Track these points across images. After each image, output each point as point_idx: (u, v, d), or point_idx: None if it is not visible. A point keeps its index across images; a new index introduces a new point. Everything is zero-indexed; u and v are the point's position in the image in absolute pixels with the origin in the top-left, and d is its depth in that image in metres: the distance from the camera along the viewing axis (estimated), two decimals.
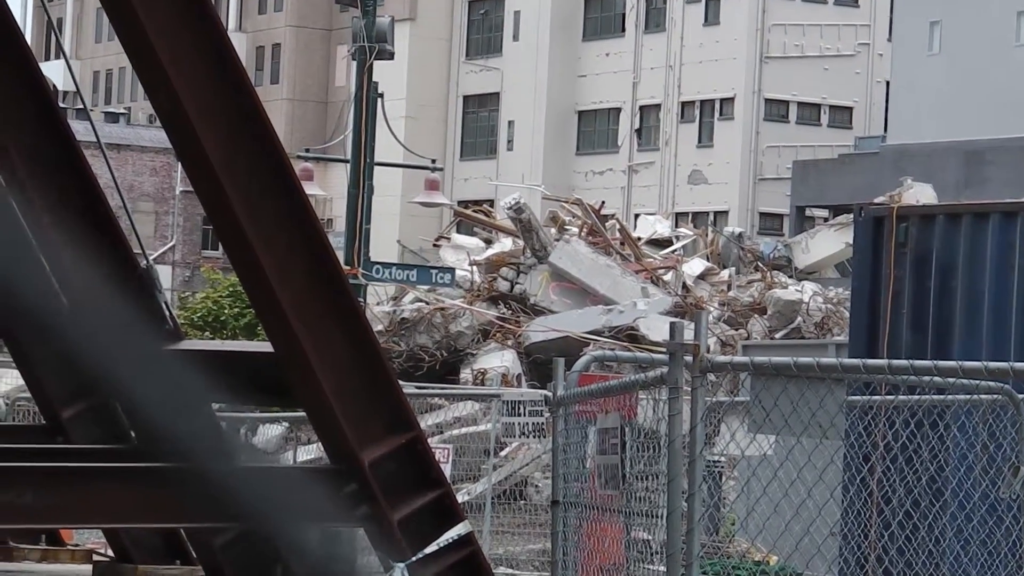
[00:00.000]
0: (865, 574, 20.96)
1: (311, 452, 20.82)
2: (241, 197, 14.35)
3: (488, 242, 65.55)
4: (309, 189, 17.87)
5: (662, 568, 14.92)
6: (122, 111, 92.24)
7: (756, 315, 54.17)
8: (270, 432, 30.01)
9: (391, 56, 57.55)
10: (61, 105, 18.26)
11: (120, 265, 17.17)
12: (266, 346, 15.06)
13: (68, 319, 17.31)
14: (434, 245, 78.19)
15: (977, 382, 16.86)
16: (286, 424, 28.31)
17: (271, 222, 14.00)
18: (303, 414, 17.74)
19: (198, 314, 62.07)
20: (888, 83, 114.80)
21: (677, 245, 68.17)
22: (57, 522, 18.68)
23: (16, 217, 17.48)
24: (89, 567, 19.09)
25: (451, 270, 57.99)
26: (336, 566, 15.81)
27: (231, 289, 55.02)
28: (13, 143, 16.83)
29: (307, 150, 73.90)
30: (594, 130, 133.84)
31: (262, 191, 14.16)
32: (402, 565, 13.41)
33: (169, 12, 13.52)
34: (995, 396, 17.26)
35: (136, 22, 13.22)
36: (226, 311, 58.09)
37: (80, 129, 17.43)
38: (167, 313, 17.34)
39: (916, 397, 17.78)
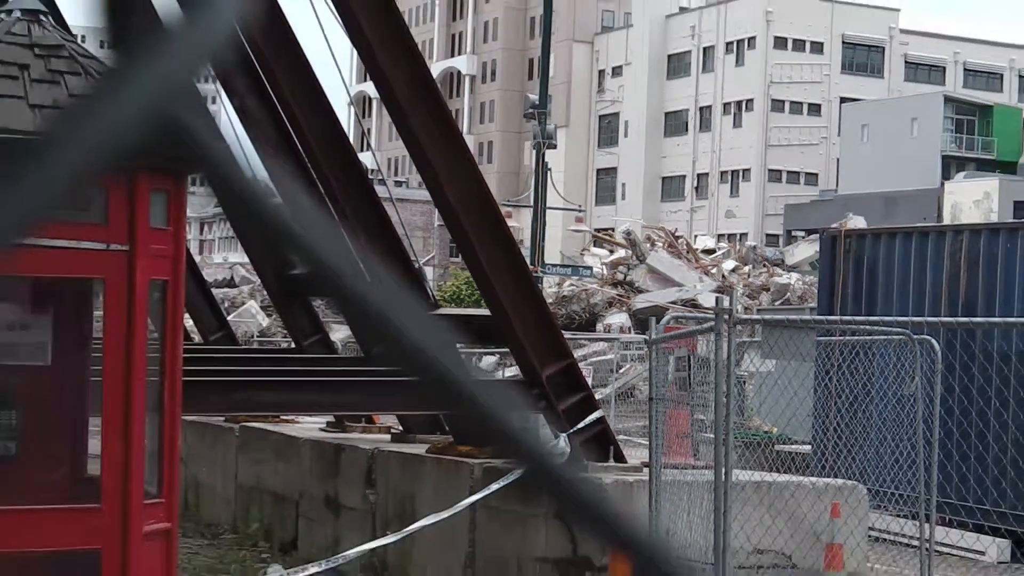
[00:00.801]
0: (827, 439, 22.05)
1: (513, 372, 20.87)
2: (472, 228, 18.15)
3: (611, 252, 72.83)
4: (509, 222, 20.43)
5: (711, 435, 16.12)
6: (403, 179, 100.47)
7: (764, 292, 62.05)
8: (487, 360, 30.42)
9: (554, 146, 65.85)
10: (370, 177, 20.54)
11: (403, 265, 20.42)
12: (485, 312, 19.45)
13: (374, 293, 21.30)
14: (580, 254, 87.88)
15: (891, 329, 19.24)
16: (498, 355, 28.59)
17: (488, 242, 18.18)
18: (507, 350, 21.50)
19: (448, 294, 65.60)
20: (838, 160, 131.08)
21: (718, 253, 77.25)
22: (370, 410, 22.69)
23: (344, 239, 21.27)
24: (388, 436, 22.61)
25: (590, 268, 67.37)
26: (527, 433, 19.92)
27: (466, 280, 58.90)
28: (343, 197, 19.97)
29: (508, 201, 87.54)
30: (671, 188, 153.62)
31: (482, 224, 18.22)
32: (565, 434, 17.64)
33: (433, 128, 17.92)
34: (900, 336, 18.78)
35: (415, 138, 17.75)
36: (463, 292, 62.25)
37: (381, 191, 20.58)
38: (430, 293, 21.01)
39: (855, 338, 20.45)
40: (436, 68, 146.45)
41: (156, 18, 0.97)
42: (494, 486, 17.32)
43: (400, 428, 22.40)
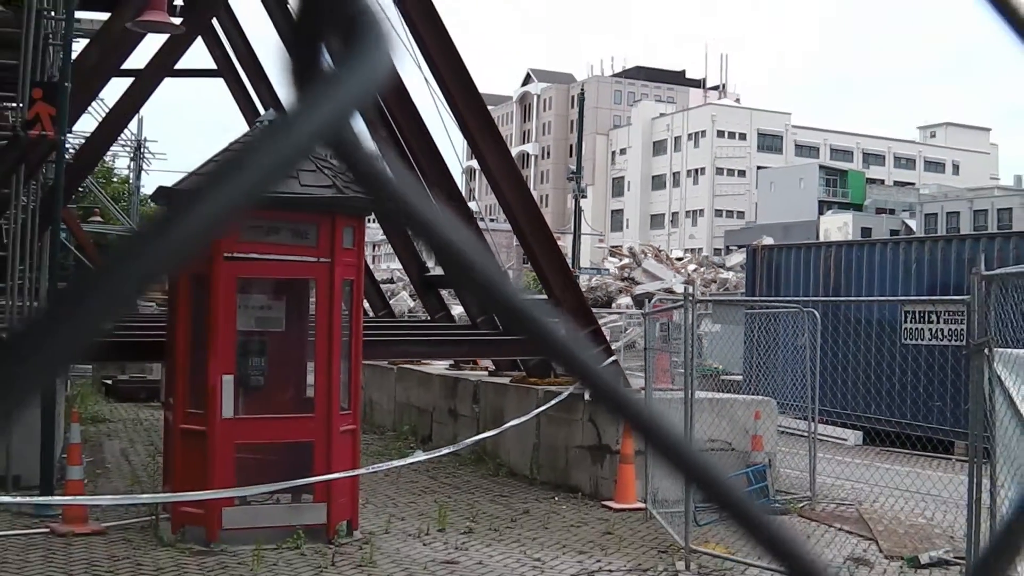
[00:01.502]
0: (752, 372, 21.98)
1: None
2: (536, 245, 18.04)
3: (620, 260, 72.20)
4: (558, 242, 20.45)
5: (681, 370, 15.42)
6: (494, 218, 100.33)
7: (713, 284, 61.57)
8: None
9: (585, 197, 67.25)
10: (475, 216, 20.48)
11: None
12: (544, 297, 19.25)
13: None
14: (601, 261, 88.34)
15: (789, 305, 20.05)
16: None
17: (546, 254, 18.09)
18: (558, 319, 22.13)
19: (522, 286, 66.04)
20: (756, 203, 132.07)
21: (685, 259, 78.13)
22: (475, 356, 22.64)
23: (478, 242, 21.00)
24: (486, 372, 22.36)
25: (607, 270, 67.66)
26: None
27: (532, 278, 59.20)
28: None
29: (557, 230, 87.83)
30: (657, 221, 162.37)
31: (542, 243, 18.10)
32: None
33: (512, 186, 17.87)
34: (795, 309, 19.27)
35: (501, 192, 17.67)
36: (531, 286, 62.30)
37: (481, 225, 20.65)
38: None
39: (767, 310, 20.57)
40: (514, 151, 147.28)
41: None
42: (552, 402, 17.37)
43: (493, 367, 22.21)
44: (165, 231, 0.80)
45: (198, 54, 60.74)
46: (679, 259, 78.50)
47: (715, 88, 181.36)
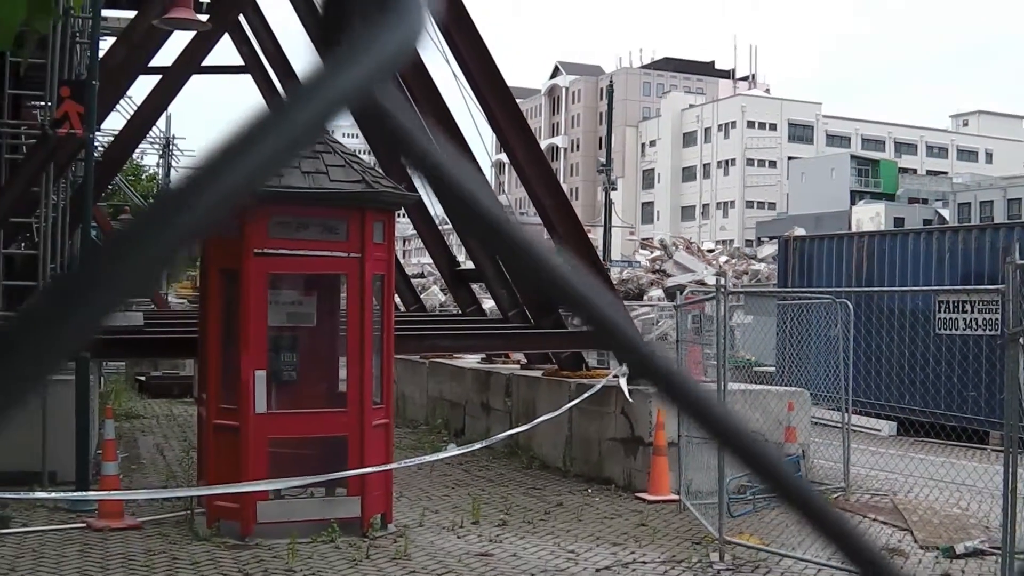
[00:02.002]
0: (784, 363, 21.77)
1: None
2: (567, 238, 17.95)
3: (651, 252, 71.49)
4: (589, 235, 20.42)
5: (714, 362, 15.71)
6: (524, 212, 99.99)
7: (744, 275, 60.89)
8: (577, 320, 30.45)
9: (615, 189, 66.13)
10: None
11: None
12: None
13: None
14: (632, 254, 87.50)
15: (822, 296, 19.72)
16: None
17: (577, 247, 18.06)
18: None
19: None
20: (787, 194, 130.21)
21: (716, 251, 76.31)
22: (506, 350, 22.75)
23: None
24: (518, 365, 22.45)
25: (639, 262, 66.60)
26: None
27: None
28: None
29: (588, 223, 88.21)
30: (687, 213, 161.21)
31: (573, 236, 18.09)
32: (625, 363, 18.39)
33: (542, 179, 17.91)
34: (828, 300, 19.05)
35: (531, 186, 17.72)
36: None
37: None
38: None
39: (799, 301, 20.47)
40: (543, 143, 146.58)
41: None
42: (584, 395, 17.38)
43: (525, 361, 22.25)
44: (198, 191, 0.80)
45: (225, 51, 60.74)
46: (710, 251, 78.06)
47: (745, 79, 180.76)
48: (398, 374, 21.55)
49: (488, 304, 26.45)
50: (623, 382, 17.17)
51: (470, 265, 23.84)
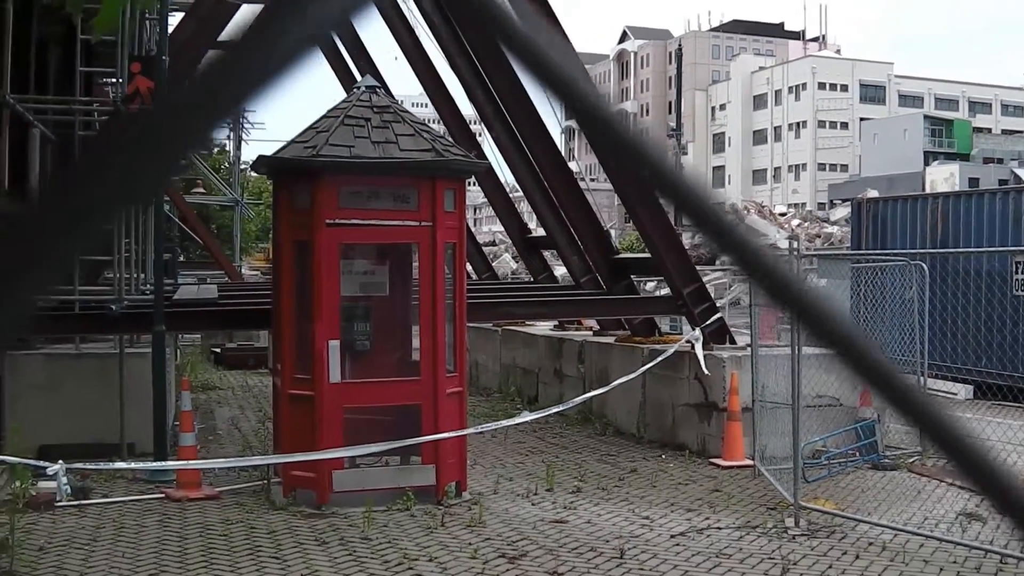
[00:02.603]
0: (858, 326, 21.05)
1: (665, 291, 20.39)
2: (640, 205, 17.98)
3: None
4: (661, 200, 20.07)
5: (787, 325, 16.58)
6: (595, 178, 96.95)
7: (817, 238, 60.34)
8: (649, 285, 29.92)
9: (686, 154, 65.82)
10: (576, 176, 20.01)
11: (597, 229, 20.00)
12: (647, 255, 19.24)
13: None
14: None
15: (896, 258, 19.43)
16: (656, 281, 27.79)
17: (649, 212, 18.03)
18: (661, 277, 21.45)
19: (624, 246, 64.34)
20: (860, 156, 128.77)
21: (788, 215, 75.11)
22: (579, 316, 22.68)
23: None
24: (590, 332, 22.39)
25: None
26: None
27: (636, 238, 58.54)
28: (559, 190, 19.82)
29: None
30: (759, 177, 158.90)
31: (644, 203, 18.03)
32: (699, 327, 17.57)
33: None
34: (902, 262, 18.59)
35: (603, 154, 17.80)
36: (634, 246, 61.44)
37: (582, 184, 20.51)
38: (614, 245, 20.64)
39: (873, 263, 19.59)
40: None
41: None
42: (657, 360, 17.43)
43: (598, 327, 22.22)
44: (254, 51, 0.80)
45: None
46: (782, 214, 77.73)
47: (815, 40, 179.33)
48: (471, 342, 21.65)
49: (560, 271, 26.45)
50: (698, 348, 17.19)
51: (541, 232, 23.80)
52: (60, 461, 12.32)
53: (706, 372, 16.87)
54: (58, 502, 12.94)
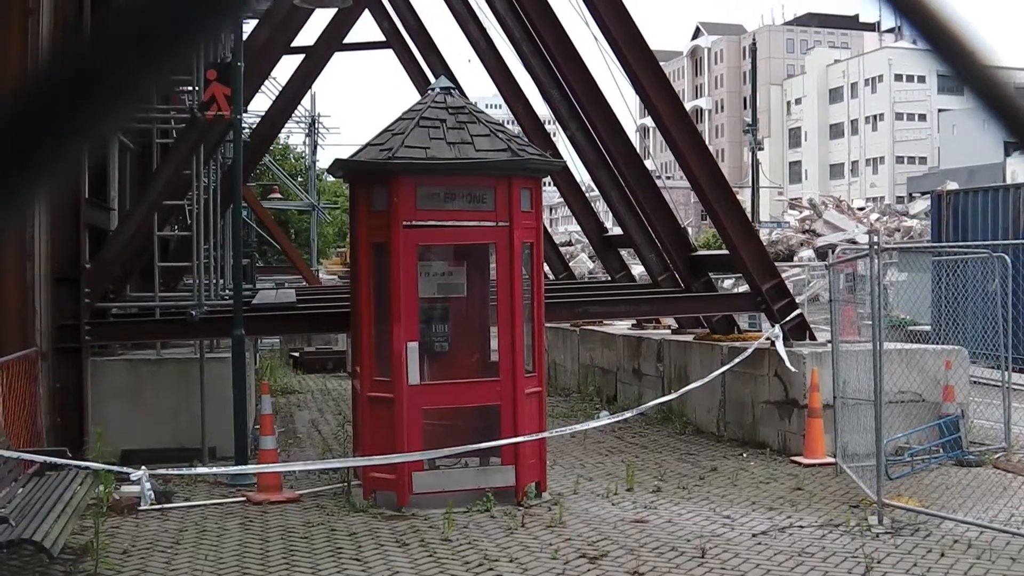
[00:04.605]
0: (941, 321, 20.51)
1: (744, 288, 20.38)
2: (715, 200, 17.92)
3: (800, 212, 70.22)
4: (738, 196, 19.92)
5: (868, 321, 15.26)
6: (671, 175, 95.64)
7: (896, 232, 59.41)
8: (727, 283, 29.87)
9: (762, 149, 67.19)
10: (651, 174, 20.06)
11: (675, 226, 19.91)
12: (725, 252, 19.17)
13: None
14: (781, 214, 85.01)
15: (978, 251, 19.53)
16: (734, 278, 27.67)
17: (726, 209, 18.00)
18: (740, 274, 21.38)
19: (701, 243, 64.27)
20: (938, 148, 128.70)
21: (867, 209, 74.18)
22: (657, 315, 22.63)
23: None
24: (669, 331, 22.41)
25: (787, 223, 65.59)
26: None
27: (713, 234, 58.40)
28: (636, 187, 19.85)
29: (734, 184, 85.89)
30: (836, 171, 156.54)
31: (721, 198, 18.02)
32: (779, 324, 17.45)
33: (688, 142, 17.81)
34: (984, 254, 18.68)
35: (678, 148, 17.64)
36: (711, 242, 61.24)
37: (659, 183, 20.51)
38: (692, 242, 20.56)
39: (955, 256, 19.51)
40: (688, 105, 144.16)
41: None
42: (737, 359, 17.27)
43: (676, 325, 22.18)
44: None
45: (367, 27, 61.18)
46: (861, 209, 76.86)
47: (890, 31, 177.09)
48: (549, 342, 21.71)
49: (637, 269, 26.44)
50: (780, 345, 17.08)
51: (618, 231, 23.72)
52: (143, 467, 12.42)
53: (792, 369, 16.71)
54: (141, 507, 13.02)
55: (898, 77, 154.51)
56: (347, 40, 24.73)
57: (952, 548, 11.35)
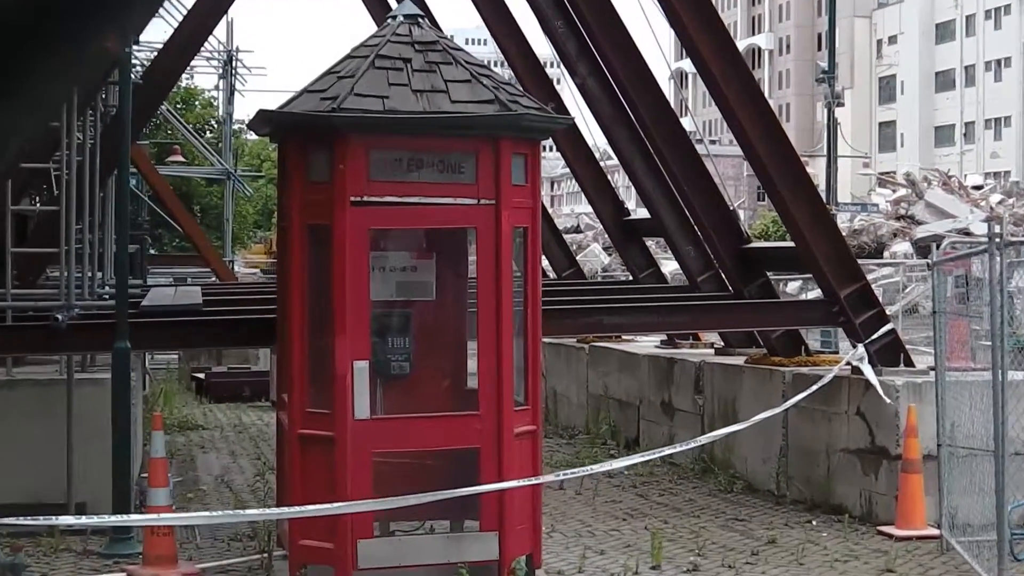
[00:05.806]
0: None
1: (815, 294, 20.54)
2: (777, 175, 18.06)
3: (894, 191, 70.60)
4: (808, 169, 20.12)
5: (986, 342, 15.87)
6: (716, 139, 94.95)
7: None
8: (792, 285, 30.00)
9: (842, 105, 66.30)
10: (690, 137, 20.13)
11: (720, 208, 20.02)
12: (790, 244, 19.30)
13: None
14: (867, 194, 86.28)
15: None
16: (801, 280, 27.99)
17: (791, 186, 18.09)
18: (809, 275, 21.58)
19: (757, 232, 64.61)
20: None
21: (985, 188, 73.92)
22: (696, 329, 22.72)
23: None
24: (711, 350, 22.43)
25: (876, 205, 66.16)
26: None
27: (772, 219, 58.55)
28: (669, 155, 19.86)
29: (804, 152, 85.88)
30: (943, 135, 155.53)
31: (785, 172, 18.10)
32: (863, 344, 17.47)
33: (741, 93, 17.89)
34: None
35: (727, 103, 17.69)
36: (769, 230, 61.49)
37: (700, 149, 20.42)
38: (744, 231, 20.73)
39: None
40: (741, 44, 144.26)
41: None
42: (807, 391, 16.96)
43: (722, 343, 22.20)
44: None
45: None
46: (977, 188, 76.81)
47: None
48: (548, 364, 21.67)
49: (670, 266, 26.47)
50: (867, 369, 17.03)
51: (644, 214, 23.67)
52: None
53: (887, 400, 16.64)
54: None
55: None
56: None
57: None
